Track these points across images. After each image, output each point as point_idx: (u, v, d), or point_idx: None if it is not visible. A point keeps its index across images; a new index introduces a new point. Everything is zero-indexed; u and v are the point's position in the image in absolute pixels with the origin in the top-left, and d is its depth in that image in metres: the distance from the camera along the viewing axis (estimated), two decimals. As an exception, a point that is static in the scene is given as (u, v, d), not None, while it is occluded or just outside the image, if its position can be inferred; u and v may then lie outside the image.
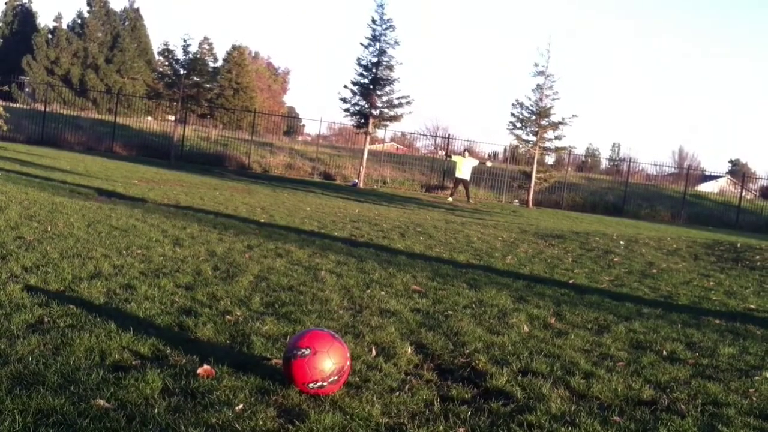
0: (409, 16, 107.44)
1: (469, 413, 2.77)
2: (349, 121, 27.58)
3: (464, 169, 22.67)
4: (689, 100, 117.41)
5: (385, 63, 25.31)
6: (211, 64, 28.72)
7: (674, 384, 3.45)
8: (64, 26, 46.71)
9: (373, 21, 25.21)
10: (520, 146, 27.95)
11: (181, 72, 26.63)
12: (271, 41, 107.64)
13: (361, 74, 25.49)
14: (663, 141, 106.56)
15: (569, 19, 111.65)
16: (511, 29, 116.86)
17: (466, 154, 23.93)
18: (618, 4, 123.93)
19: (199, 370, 2.89)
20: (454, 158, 23.59)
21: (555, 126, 26.18)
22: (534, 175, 26.36)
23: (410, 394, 2.92)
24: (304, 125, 52.26)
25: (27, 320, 3.28)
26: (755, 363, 4.05)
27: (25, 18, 49.75)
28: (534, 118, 26.01)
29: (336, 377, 2.80)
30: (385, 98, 25.55)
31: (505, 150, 38.22)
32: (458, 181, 23.11)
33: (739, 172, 47.64)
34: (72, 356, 2.87)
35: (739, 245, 10.68)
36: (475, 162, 23.61)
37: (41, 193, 9.21)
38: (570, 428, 2.71)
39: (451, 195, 23.26)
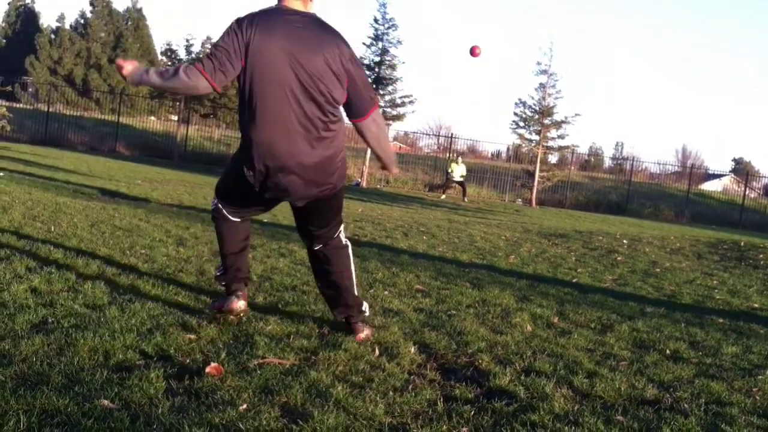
0: (411, 15, 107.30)
1: (473, 413, 2.77)
2: (351, 121, 27.60)
3: (456, 174, 23.61)
4: (692, 99, 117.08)
5: (387, 62, 25.34)
6: (214, 64, 28.72)
7: (677, 383, 3.45)
8: (67, 26, 46.69)
9: (376, 20, 25.23)
10: (523, 145, 27.95)
11: (184, 72, 26.61)
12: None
13: (363, 73, 25.53)
14: (666, 139, 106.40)
15: (572, 18, 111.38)
16: (514, 28, 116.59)
17: (459, 160, 24.44)
18: (621, 2, 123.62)
19: (208, 369, 2.90)
20: (451, 167, 24.33)
21: (558, 125, 26.19)
22: (537, 174, 26.35)
23: (413, 393, 2.92)
24: (306, 125, 52.01)
25: (31, 320, 3.29)
26: (759, 362, 4.04)
27: (27, 18, 49.83)
28: (537, 116, 26.00)
29: None
30: (387, 97, 25.58)
31: (508, 149, 38.19)
32: (452, 181, 24.03)
33: (742, 170, 47.48)
34: (76, 356, 2.88)
35: (742, 244, 10.66)
36: (463, 167, 24.34)
37: (45, 193, 9.24)
38: (573, 427, 2.71)
39: (444, 192, 23.86)
